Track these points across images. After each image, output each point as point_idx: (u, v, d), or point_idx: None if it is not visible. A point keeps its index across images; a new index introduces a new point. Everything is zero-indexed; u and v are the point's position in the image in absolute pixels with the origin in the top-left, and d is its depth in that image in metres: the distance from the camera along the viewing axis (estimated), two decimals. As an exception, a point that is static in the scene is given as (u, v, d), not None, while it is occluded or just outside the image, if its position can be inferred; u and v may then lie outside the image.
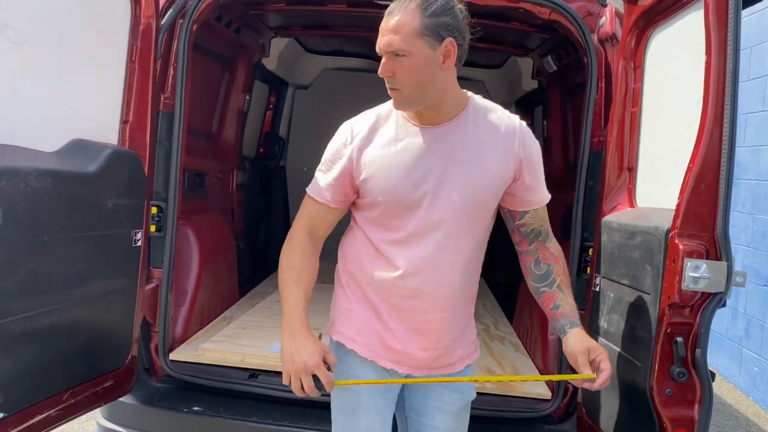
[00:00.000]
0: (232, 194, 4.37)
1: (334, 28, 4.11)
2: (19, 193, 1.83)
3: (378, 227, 1.78)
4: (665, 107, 2.21)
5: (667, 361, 1.83)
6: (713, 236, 1.77)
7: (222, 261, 3.68)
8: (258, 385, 2.72)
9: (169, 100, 2.74)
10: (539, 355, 3.11)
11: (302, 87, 5.59)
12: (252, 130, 4.85)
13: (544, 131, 4.31)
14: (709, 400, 1.81)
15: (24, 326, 1.92)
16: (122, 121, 2.46)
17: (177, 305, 3.08)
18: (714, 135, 1.76)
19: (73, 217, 2.09)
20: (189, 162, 3.16)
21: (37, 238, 1.94)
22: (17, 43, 1.90)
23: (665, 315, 1.82)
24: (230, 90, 4.11)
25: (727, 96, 1.75)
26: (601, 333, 2.27)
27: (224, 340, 3.08)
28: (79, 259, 2.14)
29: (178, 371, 2.77)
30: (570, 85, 3.81)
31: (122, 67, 2.43)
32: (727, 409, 4.88)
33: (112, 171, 2.27)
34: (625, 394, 2.06)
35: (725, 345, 5.55)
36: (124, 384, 2.52)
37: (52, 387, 2.10)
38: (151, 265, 2.72)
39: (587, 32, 2.64)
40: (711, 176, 1.77)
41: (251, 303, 3.91)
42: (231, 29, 3.64)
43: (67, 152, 2.14)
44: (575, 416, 2.54)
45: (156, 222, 2.70)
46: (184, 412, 2.63)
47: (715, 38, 1.77)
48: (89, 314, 2.23)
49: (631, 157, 2.36)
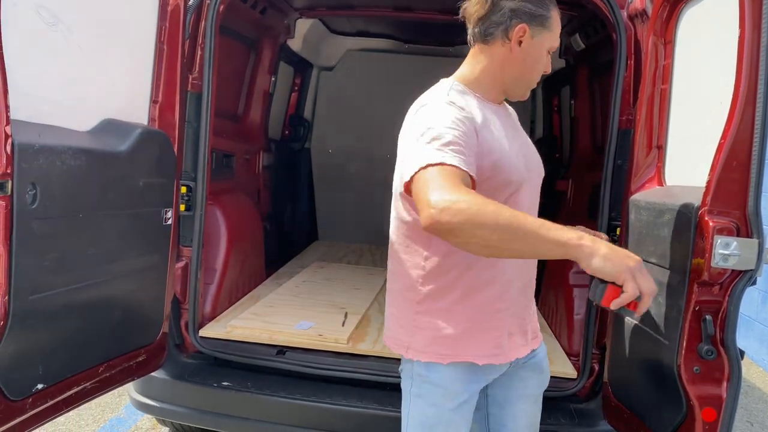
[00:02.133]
0: (258, 176, 4.42)
1: (359, 9, 4.10)
2: (55, 170, 1.87)
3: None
4: (696, 84, 2.18)
5: (696, 339, 1.82)
6: (744, 213, 1.75)
7: (249, 241, 3.74)
8: (286, 361, 2.77)
9: (197, 80, 2.77)
10: (565, 335, 3.11)
11: (327, 68, 5.59)
12: (277, 111, 4.87)
13: (572, 111, 4.27)
14: (737, 378, 1.80)
15: (61, 300, 1.98)
16: (152, 101, 2.50)
17: (206, 283, 3.14)
18: (747, 111, 1.73)
19: (106, 195, 2.13)
20: (216, 143, 3.20)
21: (73, 215, 1.99)
22: (51, 24, 1.94)
23: (694, 293, 1.81)
24: (256, 71, 4.14)
25: (761, 71, 1.72)
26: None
27: (252, 317, 3.14)
28: (111, 237, 2.19)
29: (207, 347, 2.83)
30: (598, 64, 3.76)
31: (151, 48, 2.47)
32: (756, 392, 4.83)
33: (143, 150, 2.31)
34: (652, 373, 2.06)
35: (755, 328, 5.47)
36: (156, 359, 2.59)
37: (88, 360, 2.16)
38: (181, 244, 2.77)
39: (616, 8, 2.60)
40: (743, 153, 1.74)
41: (278, 282, 3.97)
42: (256, 10, 3.66)
43: (100, 131, 2.18)
44: (601, 395, 2.55)
45: (185, 201, 2.75)
46: (214, 387, 2.70)
47: (749, 12, 1.74)
48: (122, 290, 2.29)
49: (661, 134, 2.33)
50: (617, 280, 1.39)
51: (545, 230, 1.39)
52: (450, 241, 1.43)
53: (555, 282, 3.44)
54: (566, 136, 4.59)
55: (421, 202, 1.42)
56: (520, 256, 1.56)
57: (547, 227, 1.39)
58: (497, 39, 1.68)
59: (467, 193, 1.40)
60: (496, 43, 1.69)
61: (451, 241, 1.42)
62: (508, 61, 1.70)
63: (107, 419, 3.62)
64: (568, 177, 4.20)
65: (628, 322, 2.24)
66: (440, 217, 1.36)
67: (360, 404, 2.61)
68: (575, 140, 4.20)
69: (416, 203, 1.46)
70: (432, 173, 1.43)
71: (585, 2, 2.77)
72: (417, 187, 1.45)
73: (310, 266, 4.48)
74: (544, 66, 1.76)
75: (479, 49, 1.73)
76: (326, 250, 5.36)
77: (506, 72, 1.72)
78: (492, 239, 1.38)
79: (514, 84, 1.75)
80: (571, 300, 3.09)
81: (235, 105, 4.07)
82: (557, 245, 1.39)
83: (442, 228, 1.37)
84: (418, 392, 1.74)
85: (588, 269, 1.40)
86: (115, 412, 3.69)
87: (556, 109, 4.96)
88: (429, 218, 1.38)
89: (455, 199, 1.37)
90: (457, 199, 1.37)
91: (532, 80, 1.77)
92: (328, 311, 3.30)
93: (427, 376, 1.71)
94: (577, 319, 3.00)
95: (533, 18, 1.67)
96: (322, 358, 2.79)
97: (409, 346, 1.74)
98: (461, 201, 1.37)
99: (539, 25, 1.68)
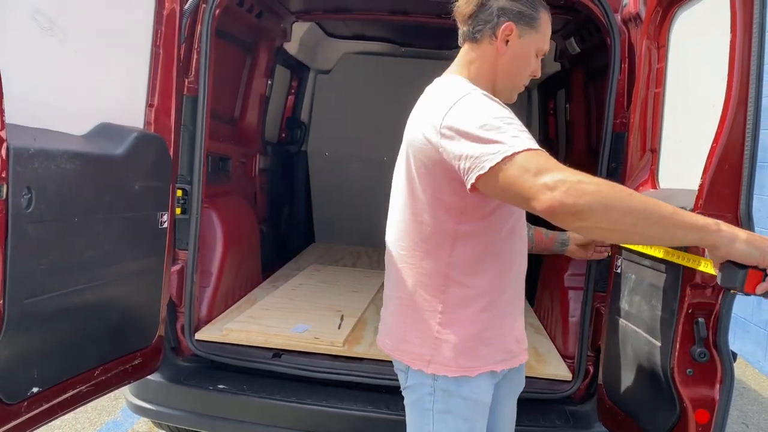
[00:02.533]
0: (254, 179, 4.42)
1: (355, 12, 4.11)
2: (51, 174, 1.88)
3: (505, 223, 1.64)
4: (689, 87, 2.19)
5: (689, 341, 1.83)
6: (736, 216, 1.76)
7: (245, 244, 3.74)
8: (282, 364, 2.77)
9: (193, 84, 2.78)
10: (560, 337, 3.12)
11: (323, 72, 5.61)
12: (274, 115, 4.88)
13: (567, 114, 4.28)
14: (730, 380, 1.80)
15: (57, 304, 1.98)
16: (147, 105, 2.50)
17: (202, 286, 3.14)
18: (738, 114, 1.75)
19: (102, 199, 2.14)
20: (213, 146, 3.21)
21: (68, 219, 1.99)
22: (47, 29, 1.95)
23: (687, 295, 1.82)
24: (252, 75, 4.14)
25: (752, 75, 1.74)
26: (623, 314, 2.27)
27: (248, 320, 3.14)
28: (107, 240, 2.19)
29: (203, 350, 2.83)
30: (593, 67, 3.77)
31: (147, 52, 2.47)
32: (751, 393, 4.84)
33: (139, 154, 2.31)
34: (645, 375, 2.07)
35: (751, 330, 5.49)
36: (151, 362, 2.58)
37: (83, 363, 2.16)
38: (177, 247, 2.78)
39: (610, 12, 2.62)
40: (735, 156, 1.75)
41: (274, 285, 3.97)
42: (253, 14, 3.66)
43: (95, 135, 2.19)
44: (596, 397, 2.55)
45: (181, 204, 2.75)
46: (210, 390, 2.70)
47: (740, 17, 1.75)
48: (118, 294, 2.29)
49: (654, 138, 2.34)
50: (762, 264, 1.36)
51: (680, 215, 1.35)
52: (571, 225, 1.35)
53: (550, 284, 3.45)
54: (562, 140, 4.61)
55: (528, 188, 1.34)
56: (652, 242, 1.47)
57: (682, 213, 1.35)
58: (485, 37, 1.67)
59: (585, 174, 1.33)
60: (484, 41, 1.68)
61: (574, 224, 1.34)
62: (495, 60, 1.68)
63: (104, 422, 3.62)
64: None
65: (623, 325, 2.25)
66: (565, 199, 1.28)
67: (356, 407, 2.61)
68: (571, 143, 4.21)
69: (516, 192, 1.37)
70: (526, 158, 1.35)
71: (579, 6, 2.79)
72: (509, 175, 1.36)
73: (307, 269, 4.48)
74: (532, 69, 1.73)
75: (469, 48, 1.71)
76: (323, 252, 5.37)
77: (496, 72, 1.70)
78: (623, 223, 1.31)
79: (500, 85, 1.71)
80: (567, 302, 3.10)
81: (232, 108, 4.07)
82: (695, 230, 1.35)
83: (567, 210, 1.29)
84: (445, 408, 1.64)
85: (729, 255, 1.37)
86: (111, 416, 3.69)
87: (551, 113, 4.97)
88: (550, 200, 1.30)
89: (578, 179, 1.31)
90: (581, 179, 1.31)
91: (519, 82, 1.74)
92: (324, 314, 3.31)
93: (456, 391, 1.63)
94: (572, 321, 3.01)
95: (521, 17, 1.65)
96: (318, 361, 2.80)
97: (431, 360, 1.64)
98: (586, 181, 1.30)
99: (527, 25, 1.66)
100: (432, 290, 1.64)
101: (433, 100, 1.63)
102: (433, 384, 1.64)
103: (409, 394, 1.72)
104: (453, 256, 1.62)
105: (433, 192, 1.60)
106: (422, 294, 1.66)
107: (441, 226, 1.61)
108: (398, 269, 1.72)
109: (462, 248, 1.61)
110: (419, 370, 1.66)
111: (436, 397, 1.64)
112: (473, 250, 1.62)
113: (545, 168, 1.34)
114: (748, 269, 1.39)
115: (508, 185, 1.38)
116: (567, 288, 3.13)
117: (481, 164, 1.40)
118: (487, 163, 1.39)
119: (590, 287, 2.64)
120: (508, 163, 1.37)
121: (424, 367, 1.64)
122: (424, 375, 1.65)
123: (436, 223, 1.61)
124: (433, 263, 1.64)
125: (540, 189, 1.32)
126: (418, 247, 1.66)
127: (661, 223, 1.34)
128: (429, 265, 1.64)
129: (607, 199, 1.30)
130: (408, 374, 1.70)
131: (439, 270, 1.63)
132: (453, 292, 1.64)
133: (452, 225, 1.60)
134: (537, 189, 1.33)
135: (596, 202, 1.30)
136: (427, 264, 1.64)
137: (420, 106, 1.69)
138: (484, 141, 1.41)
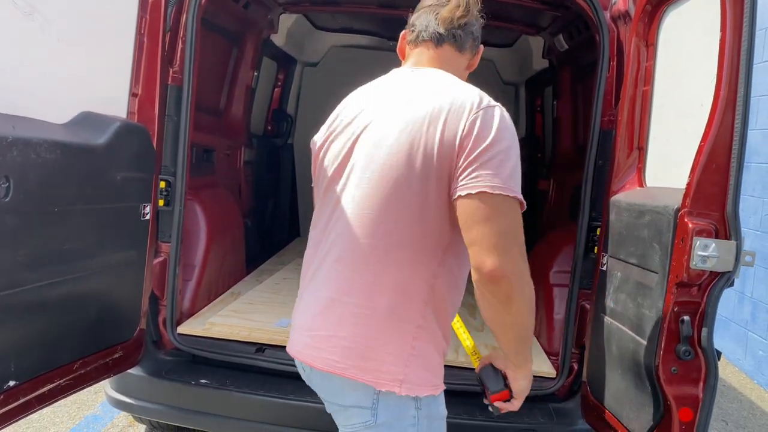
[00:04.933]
0: (239, 171, 4.37)
1: (343, 5, 4.07)
2: (30, 163, 1.83)
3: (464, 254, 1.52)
4: (678, 86, 2.19)
5: (674, 340, 1.84)
6: (723, 215, 1.77)
7: (229, 237, 3.70)
8: (265, 359, 2.74)
9: (178, 74, 2.73)
10: (545, 334, 3.12)
11: (311, 64, 5.56)
12: (260, 107, 4.83)
13: (554, 111, 4.28)
14: (714, 379, 1.81)
15: (35, 296, 1.94)
16: (131, 94, 2.45)
17: (185, 279, 3.10)
18: (727, 114, 1.75)
19: (83, 190, 2.09)
20: (197, 137, 3.16)
21: (48, 210, 1.94)
22: (27, 14, 1.90)
23: (672, 294, 1.82)
24: (238, 66, 4.09)
25: (741, 74, 1.74)
26: (608, 312, 2.28)
27: (232, 314, 3.11)
28: (88, 232, 2.15)
29: (185, 344, 2.80)
30: (581, 64, 3.77)
31: (131, 40, 2.42)
32: (731, 392, 4.90)
33: (122, 144, 2.27)
34: (630, 373, 2.07)
35: (731, 328, 5.55)
36: (132, 356, 2.55)
37: (62, 357, 2.12)
38: (160, 240, 2.73)
39: (600, 9, 2.61)
40: (722, 155, 1.76)
41: (258, 279, 3.93)
42: (239, 4, 3.62)
43: (77, 124, 2.14)
44: (580, 394, 2.56)
45: (164, 196, 2.70)
46: (192, 385, 2.66)
47: (730, 15, 1.75)
48: (98, 286, 2.25)
49: (642, 136, 2.35)
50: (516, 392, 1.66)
51: (529, 345, 1.63)
52: (493, 294, 1.44)
53: (535, 281, 3.44)
54: (548, 136, 4.61)
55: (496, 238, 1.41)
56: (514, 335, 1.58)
57: (530, 344, 1.64)
58: (466, 49, 1.74)
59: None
60: (465, 51, 1.74)
61: (497, 296, 1.44)
62: (462, 73, 1.75)
63: (83, 416, 3.56)
64: (549, 177, 4.22)
65: (608, 322, 2.25)
66: (511, 277, 1.41)
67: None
68: (557, 140, 4.21)
69: (481, 227, 1.40)
70: (516, 214, 1.45)
71: (569, 3, 2.78)
72: (494, 210, 1.41)
73: (292, 263, 4.45)
74: None
75: (447, 51, 1.71)
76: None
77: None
78: (519, 317, 1.49)
79: None
80: (551, 299, 3.10)
81: (217, 99, 4.02)
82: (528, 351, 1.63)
83: (502, 283, 1.41)
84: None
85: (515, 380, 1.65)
86: (91, 410, 3.64)
87: (538, 109, 4.97)
88: (500, 267, 1.39)
89: (527, 272, 1.47)
90: (528, 274, 1.47)
91: None
92: (308, 309, 3.27)
93: (436, 413, 1.55)
94: (557, 319, 3.01)
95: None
96: (301, 356, 2.77)
97: (403, 380, 1.46)
98: (529, 281, 1.48)
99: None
100: (415, 301, 1.50)
101: (447, 97, 1.51)
102: (417, 413, 1.50)
103: (379, 419, 1.49)
104: (443, 264, 1.52)
105: (440, 193, 1.48)
106: (402, 304, 1.49)
107: (438, 231, 1.50)
108: (369, 272, 1.51)
109: (452, 259, 1.53)
110: (388, 392, 1.47)
111: (418, 421, 1.50)
112: (459, 262, 1.54)
113: (520, 243, 1.46)
114: (506, 389, 1.67)
115: (482, 218, 1.41)
116: (552, 285, 3.14)
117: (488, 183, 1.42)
118: (488, 185, 1.41)
119: (575, 284, 2.64)
120: (506, 204, 1.43)
121: (395, 388, 1.46)
122: (401, 403, 1.48)
123: (435, 227, 1.49)
124: (421, 270, 1.50)
125: (503, 251, 1.41)
126: (407, 250, 1.49)
127: (527, 334, 1.58)
128: (415, 273, 1.49)
129: (528, 302, 1.49)
130: (377, 405, 1.49)
131: (426, 279, 1.50)
132: (435, 305, 1.52)
133: (448, 231, 1.50)
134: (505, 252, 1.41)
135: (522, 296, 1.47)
136: (413, 271, 1.49)
137: (427, 101, 1.52)
138: (504, 168, 1.44)
